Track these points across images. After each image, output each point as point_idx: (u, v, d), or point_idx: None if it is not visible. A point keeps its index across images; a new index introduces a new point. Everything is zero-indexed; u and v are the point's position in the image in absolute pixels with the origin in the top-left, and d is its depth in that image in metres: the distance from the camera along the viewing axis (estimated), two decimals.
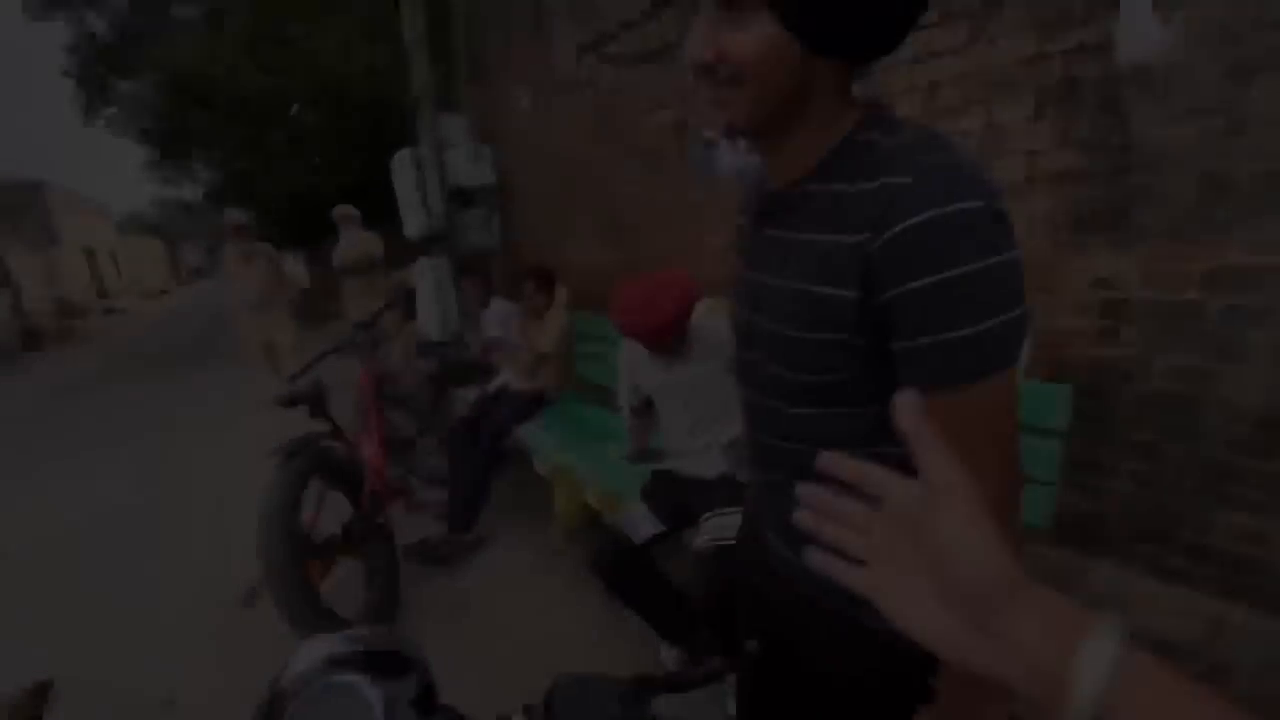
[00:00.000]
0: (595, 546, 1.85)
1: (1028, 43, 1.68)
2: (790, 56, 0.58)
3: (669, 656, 1.97)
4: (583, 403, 3.17)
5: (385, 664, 0.60)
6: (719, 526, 1.67)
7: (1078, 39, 1.59)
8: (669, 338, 1.74)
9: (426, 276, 4.15)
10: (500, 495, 3.26)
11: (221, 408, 5.92)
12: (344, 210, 5.18)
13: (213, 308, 17.66)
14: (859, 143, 0.62)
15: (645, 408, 2.03)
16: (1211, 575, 1.63)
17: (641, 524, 1.84)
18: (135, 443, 5.09)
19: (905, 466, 0.41)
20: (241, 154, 9.36)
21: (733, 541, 1.57)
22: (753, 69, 0.58)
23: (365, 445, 2.63)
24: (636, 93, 3.15)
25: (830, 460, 0.43)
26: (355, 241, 5.21)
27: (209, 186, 12.22)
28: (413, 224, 4.22)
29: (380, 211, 8.49)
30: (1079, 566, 1.83)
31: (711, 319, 1.88)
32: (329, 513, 2.30)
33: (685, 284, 1.74)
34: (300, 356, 5.56)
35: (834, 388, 0.66)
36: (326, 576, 2.16)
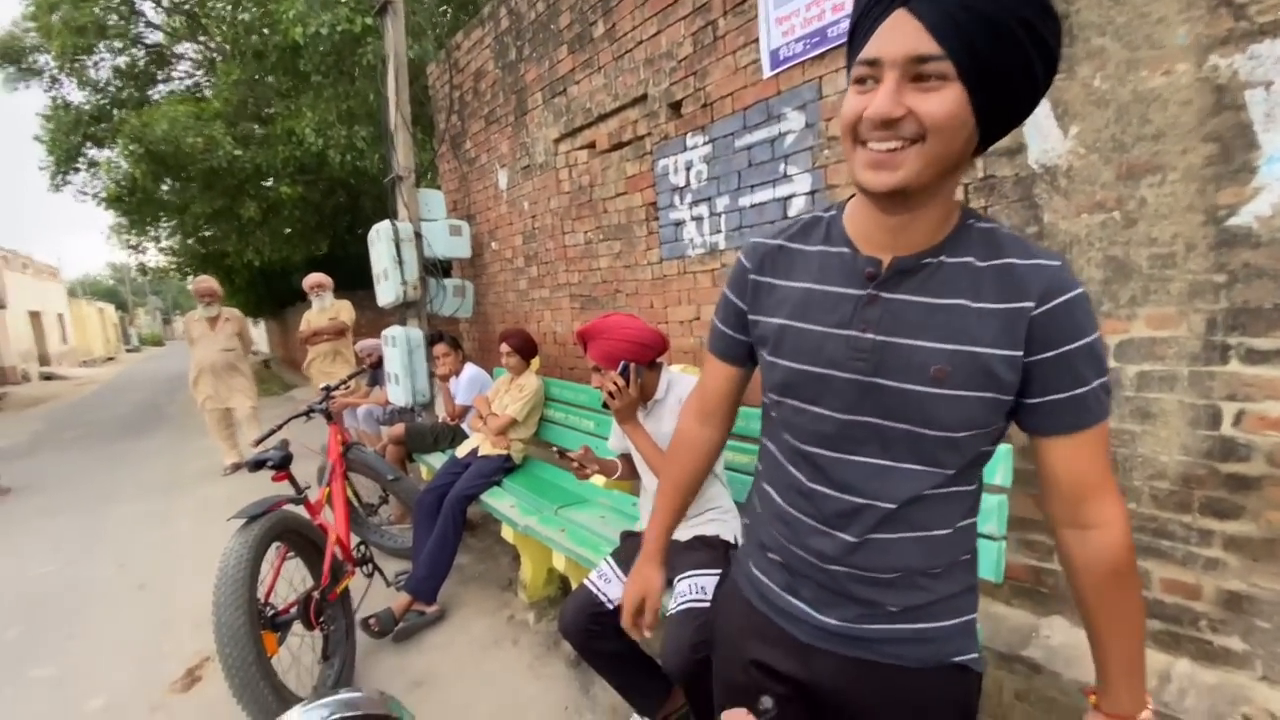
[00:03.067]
0: (564, 609, 1.84)
1: None
2: (967, 128, 0.67)
3: None
4: (549, 467, 3.19)
5: None
6: (693, 589, 1.69)
7: (994, 144, 1.84)
8: (644, 358, 1.83)
9: (398, 344, 4.18)
10: (466, 565, 3.19)
11: (165, 477, 5.65)
12: (317, 278, 5.24)
13: (162, 374, 17.04)
14: (977, 226, 0.76)
15: (625, 460, 2.08)
16: (1155, 629, 1.72)
17: (612, 587, 1.84)
18: (66, 518, 4.79)
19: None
20: (212, 223, 9.41)
21: (707, 604, 1.61)
22: (937, 128, 0.65)
23: (328, 512, 2.58)
24: (608, 177, 3.38)
25: None
26: (327, 308, 5.24)
27: (174, 253, 12.16)
28: (387, 292, 4.30)
29: (350, 280, 8.57)
30: (1032, 624, 1.90)
31: (687, 375, 1.99)
32: (286, 581, 2.22)
33: (660, 330, 1.90)
34: (259, 425, 5.45)
35: (946, 445, 0.76)
36: (282, 645, 2.06)
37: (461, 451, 3.21)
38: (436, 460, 3.52)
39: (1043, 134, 1.75)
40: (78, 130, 9.40)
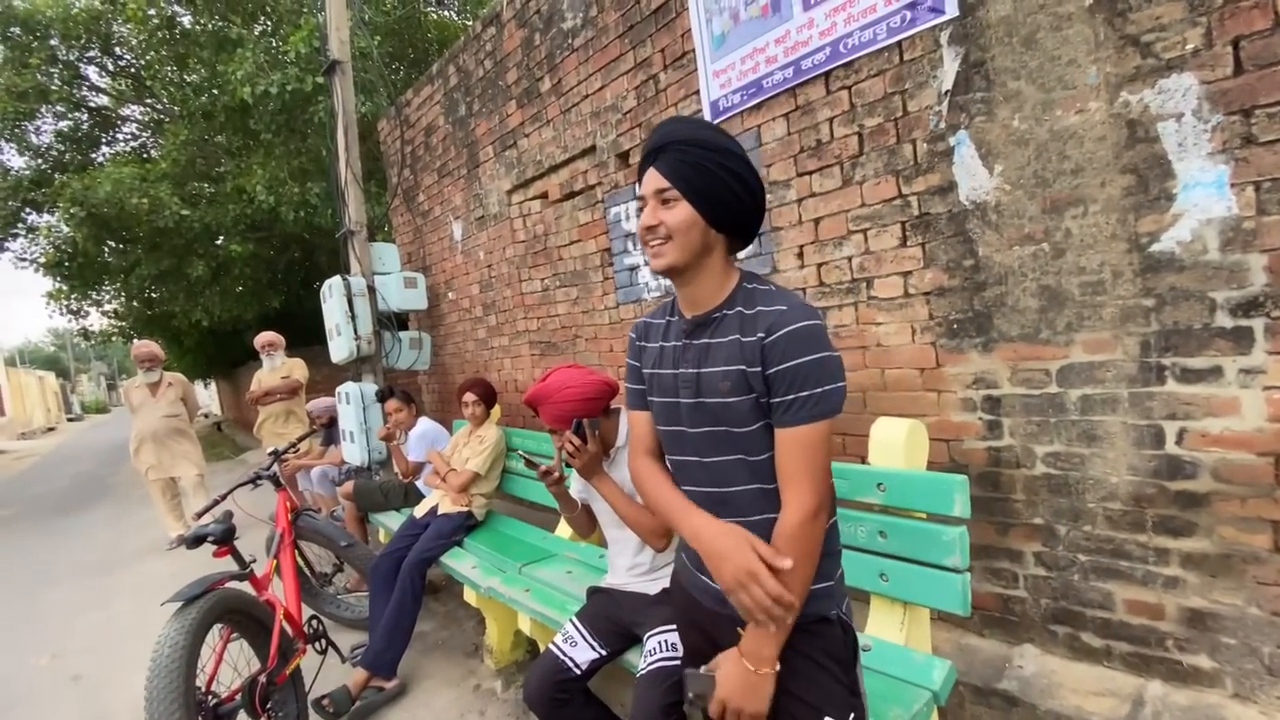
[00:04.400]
0: (528, 679, 1.75)
1: (888, 187, 2.00)
2: (699, 227, 1.05)
3: None
4: (514, 522, 3.09)
5: None
6: (663, 646, 1.62)
7: (926, 183, 1.91)
8: (596, 410, 1.80)
9: (352, 400, 4.06)
10: (428, 632, 3.03)
11: (104, 555, 5.29)
12: (268, 336, 5.09)
13: (104, 443, 16.17)
14: (747, 288, 1.10)
15: (585, 510, 2.02)
16: (1124, 651, 1.72)
17: (578, 650, 1.76)
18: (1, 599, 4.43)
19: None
20: (158, 284, 9.14)
21: (676, 662, 1.55)
22: (676, 230, 1.05)
23: (277, 584, 2.43)
24: (561, 225, 3.41)
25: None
26: (279, 366, 5.07)
27: (119, 316, 11.72)
28: (340, 348, 4.19)
29: (305, 337, 8.38)
30: (1004, 654, 1.88)
31: None
32: (230, 666, 2.06)
33: (606, 375, 1.88)
34: (207, 494, 5.17)
35: (748, 437, 1.06)
36: None
37: (420, 511, 3.09)
38: (394, 521, 3.38)
39: (970, 172, 1.83)
40: (16, 196, 9.11)
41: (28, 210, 9.36)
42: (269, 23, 8.74)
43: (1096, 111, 1.60)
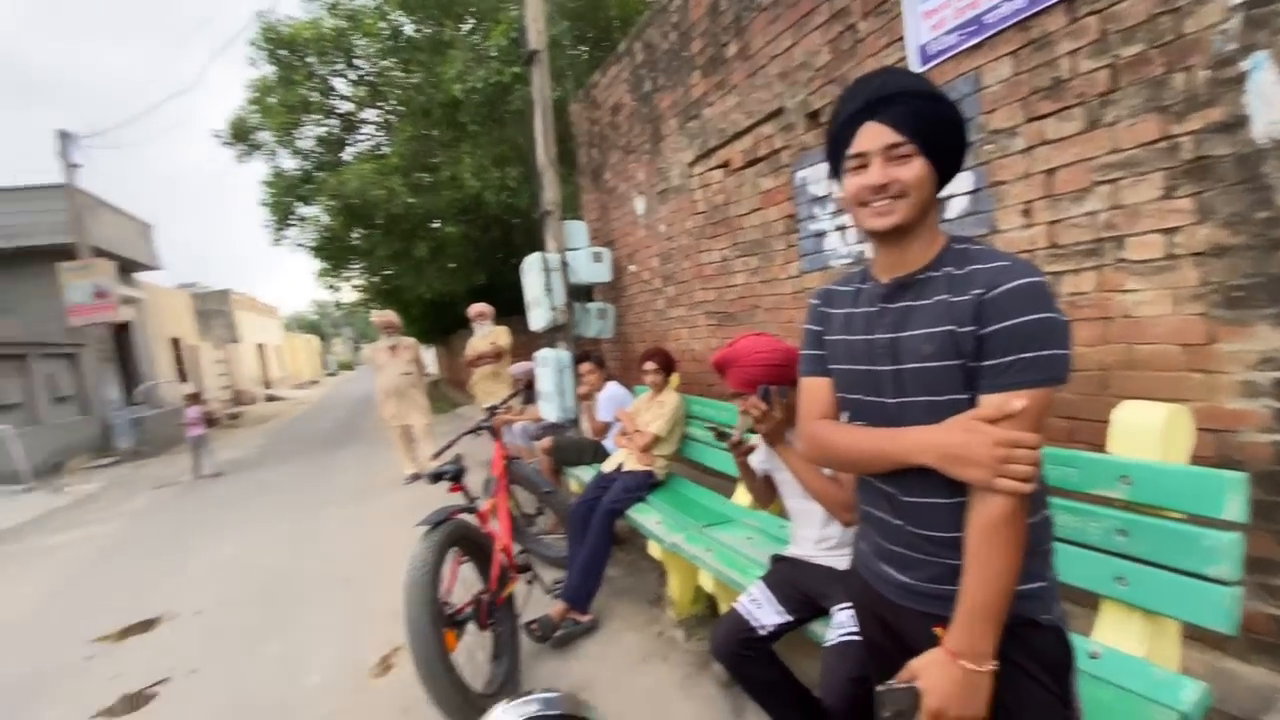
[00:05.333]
0: (715, 631, 1.83)
1: (1150, 127, 1.68)
2: (931, 182, 0.99)
3: None
4: (693, 485, 3.21)
5: None
6: (852, 619, 1.60)
7: (1204, 119, 1.58)
8: (783, 378, 1.78)
9: (549, 364, 4.48)
10: (616, 578, 3.30)
11: (360, 485, 6.51)
12: (479, 308, 5.77)
13: (355, 395, 19.67)
14: (957, 248, 1.02)
15: (766, 481, 2.03)
16: None
17: (764, 612, 1.81)
18: (289, 515, 5.69)
19: None
20: (392, 263, 10.77)
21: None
22: (913, 186, 0.97)
23: (494, 521, 2.81)
24: (742, 194, 3.38)
25: None
26: (487, 334, 5.75)
27: (363, 290, 14.06)
28: (538, 318, 4.63)
29: (505, 308, 9.35)
30: (1274, 686, 1.57)
31: None
32: (460, 584, 2.45)
33: (789, 345, 1.83)
34: (433, 440, 6.10)
35: (946, 407, 0.97)
36: (458, 645, 2.27)
37: (608, 466, 3.34)
38: (585, 474, 3.70)
39: (1269, 103, 1.47)
40: (290, 192, 11.25)
41: (298, 203, 11.52)
42: (473, 20, 9.67)
43: None
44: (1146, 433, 1.44)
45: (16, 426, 9.32)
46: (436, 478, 2.54)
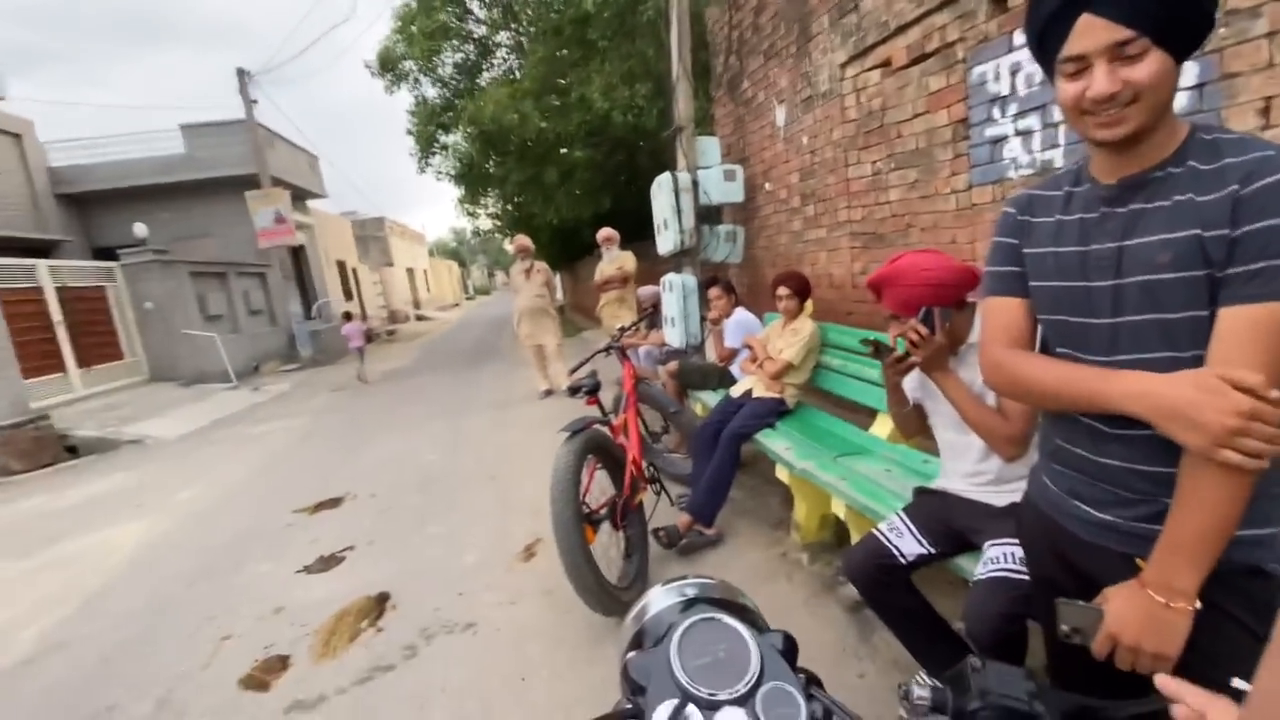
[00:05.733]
0: (853, 554, 1.80)
1: None
2: (1172, 74, 0.81)
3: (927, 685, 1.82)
4: (824, 415, 3.11)
5: (739, 612, 0.66)
6: (1006, 557, 1.50)
7: None
8: (950, 299, 1.63)
9: (674, 289, 4.46)
10: (738, 499, 3.36)
11: (500, 396, 7.07)
12: (607, 232, 5.83)
13: (492, 317, 21.12)
14: (1204, 138, 0.85)
15: (917, 410, 1.90)
16: None
17: (905, 541, 1.74)
18: (441, 419, 6.34)
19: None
20: (523, 190, 11.12)
21: (1022, 575, 1.42)
22: (1150, 88, 0.80)
23: (625, 434, 2.92)
24: (904, 97, 3.02)
25: None
26: (615, 259, 5.82)
27: (497, 217, 14.75)
28: (667, 241, 4.58)
29: (630, 233, 9.39)
30: None
31: None
32: (597, 487, 2.61)
33: (966, 263, 1.66)
34: (564, 359, 6.42)
35: (1186, 327, 0.83)
36: (595, 540, 2.45)
37: (736, 392, 3.32)
38: (710, 398, 3.71)
39: None
40: (433, 121, 11.83)
41: (440, 132, 12.10)
42: None
43: None
44: None
45: (221, 334, 11.05)
46: (575, 390, 2.67)
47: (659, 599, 0.70)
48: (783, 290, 3.17)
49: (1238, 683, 0.88)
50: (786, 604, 2.43)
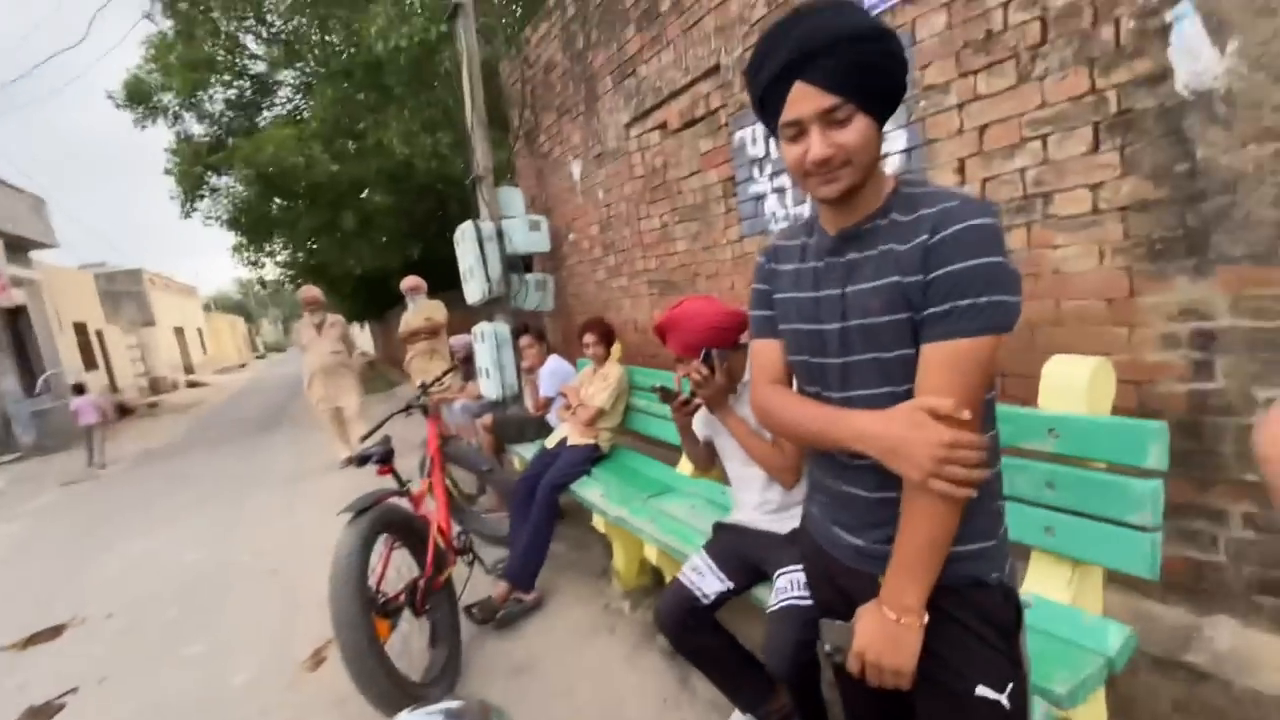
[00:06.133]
0: (659, 605, 1.80)
1: (1079, 81, 1.68)
2: (876, 137, 0.90)
3: None
4: (637, 456, 3.16)
5: None
6: (794, 585, 1.59)
7: (1131, 71, 1.58)
8: (726, 341, 1.74)
9: (486, 339, 4.31)
10: (560, 553, 3.24)
11: (290, 470, 6.18)
12: (412, 281, 5.49)
13: (285, 378, 18.71)
14: (905, 191, 0.94)
15: (707, 447, 2.00)
16: None
17: (706, 581, 1.78)
18: (212, 506, 5.35)
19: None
20: (317, 236, 10.14)
21: (809, 601, 1.51)
22: (857, 150, 0.87)
23: (430, 503, 2.68)
24: (681, 156, 3.28)
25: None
26: (421, 309, 5.48)
27: (287, 266, 13.25)
28: (474, 290, 4.43)
29: (441, 282, 8.99)
30: (1192, 624, 1.66)
31: None
32: (394, 570, 2.33)
33: (738, 307, 1.79)
34: (366, 421, 5.81)
35: (897, 365, 0.92)
36: (391, 635, 2.16)
37: (551, 442, 3.25)
38: (528, 451, 3.59)
39: (1192, 54, 1.48)
40: (199, 160, 10.36)
41: (209, 173, 10.63)
42: None
43: None
44: (1073, 386, 1.46)
45: None
46: (362, 461, 2.38)
47: None
48: (588, 337, 3.20)
49: (982, 690, 0.99)
50: (609, 659, 2.36)
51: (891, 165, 2.21)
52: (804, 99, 0.86)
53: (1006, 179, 1.88)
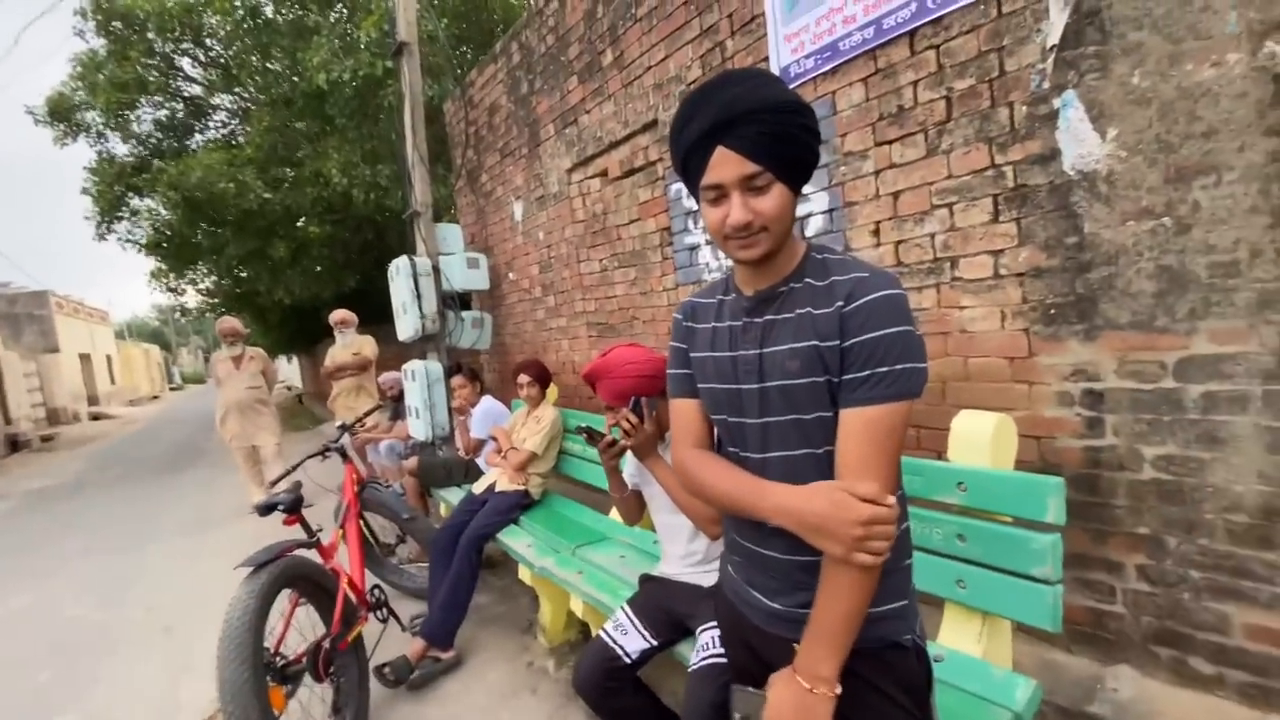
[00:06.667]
0: (578, 663, 1.72)
1: (980, 156, 1.81)
2: (791, 203, 0.93)
3: None
4: (569, 503, 3.08)
5: None
6: (715, 642, 1.55)
7: (1024, 151, 1.72)
8: (654, 389, 1.73)
9: (417, 377, 4.17)
10: (485, 605, 3.09)
11: (198, 515, 5.71)
12: (341, 314, 5.29)
13: (200, 412, 17.51)
14: (816, 258, 0.98)
15: (635, 495, 1.96)
16: (1241, 681, 1.53)
17: (629, 639, 1.72)
18: (104, 554, 4.85)
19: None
20: (245, 264, 9.69)
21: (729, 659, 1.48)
22: (774, 219, 0.91)
23: (341, 554, 2.51)
24: (621, 204, 3.33)
25: None
26: (350, 343, 5.27)
27: (210, 294, 12.58)
28: (406, 326, 4.30)
29: (376, 315, 8.72)
30: (1097, 675, 1.71)
31: None
32: (296, 631, 2.15)
33: (661, 355, 1.78)
34: (285, 461, 5.46)
35: (814, 426, 0.94)
36: (291, 699, 1.98)
37: (478, 488, 3.13)
38: (455, 496, 3.45)
39: (1077, 138, 1.63)
40: (120, 181, 9.82)
41: (130, 194, 10.08)
42: (344, 9, 9.00)
43: (1236, 64, 1.38)
44: (978, 440, 1.53)
45: None
46: (267, 509, 2.22)
47: None
48: (523, 378, 3.14)
49: None
50: None
51: (814, 226, 2.31)
52: (725, 164, 0.88)
53: (917, 242, 1.99)
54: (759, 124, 0.86)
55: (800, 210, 2.36)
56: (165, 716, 2.50)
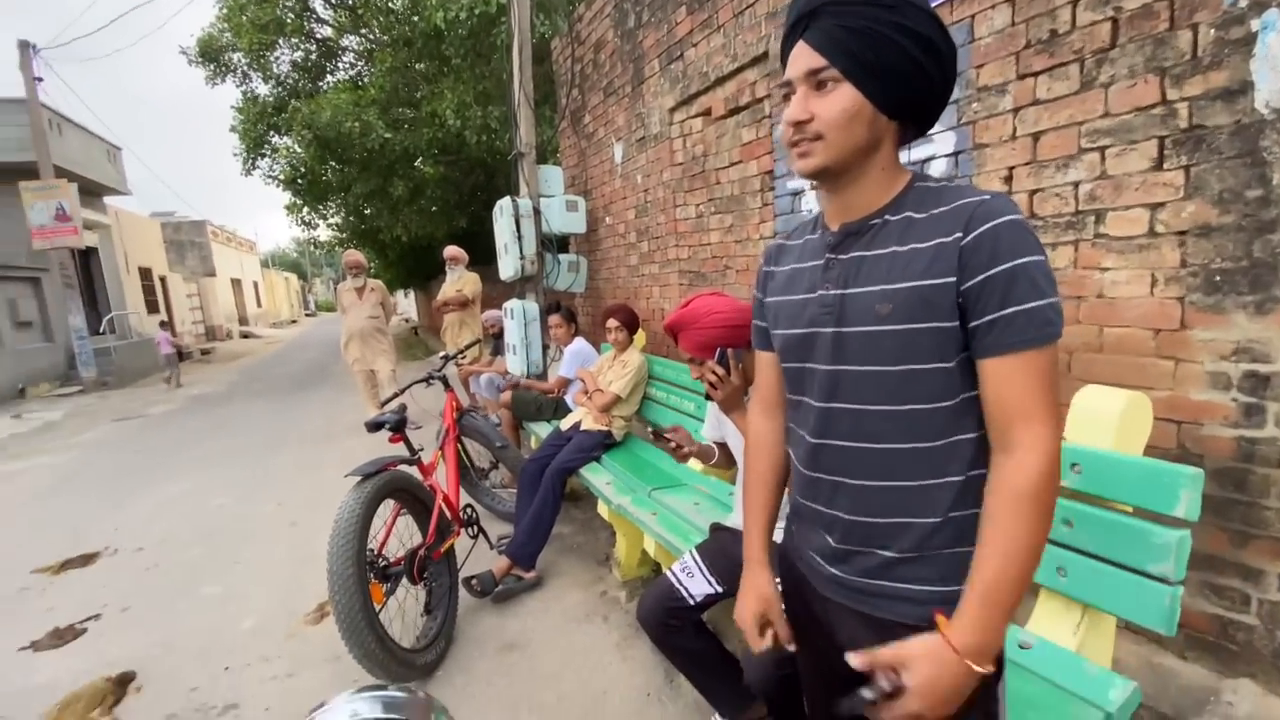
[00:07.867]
0: (642, 599, 1.77)
1: (1148, 90, 1.54)
2: (863, 116, 0.80)
3: None
4: (649, 447, 3.13)
5: None
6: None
7: (1206, 83, 1.44)
8: (741, 340, 1.67)
9: (515, 316, 4.33)
10: (566, 535, 3.25)
11: (323, 427, 6.38)
12: (453, 251, 5.56)
13: (331, 336, 19.35)
14: (920, 187, 0.86)
15: (721, 447, 1.94)
16: None
17: (694, 582, 1.74)
18: (246, 455, 5.57)
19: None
20: (369, 201, 10.37)
21: None
22: (830, 125, 0.80)
23: (439, 473, 2.71)
24: (722, 145, 3.19)
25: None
26: (457, 280, 5.55)
27: (339, 229, 13.62)
28: (507, 267, 4.45)
29: (485, 255, 9.11)
30: (1212, 686, 1.54)
31: None
32: (396, 537, 2.36)
33: (747, 303, 1.71)
34: (397, 385, 5.93)
35: (904, 380, 0.82)
36: (390, 596, 2.20)
37: (565, 424, 3.25)
38: (543, 430, 3.61)
39: (1276, 68, 1.34)
40: (263, 120, 10.68)
41: (271, 133, 10.96)
42: None
43: None
44: (1103, 420, 1.36)
45: None
46: (375, 427, 2.42)
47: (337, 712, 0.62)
48: (611, 322, 3.17)
49: None
50: (599, 646, 2.35)
51: (936, 169, 2.10)
52: (799, 58, 0.81)
53: (1057, 191, 1.75)
54: (838, 16, 0.78)
55: (923, 151, 2.14)
56: (290, 596, 2.87)
